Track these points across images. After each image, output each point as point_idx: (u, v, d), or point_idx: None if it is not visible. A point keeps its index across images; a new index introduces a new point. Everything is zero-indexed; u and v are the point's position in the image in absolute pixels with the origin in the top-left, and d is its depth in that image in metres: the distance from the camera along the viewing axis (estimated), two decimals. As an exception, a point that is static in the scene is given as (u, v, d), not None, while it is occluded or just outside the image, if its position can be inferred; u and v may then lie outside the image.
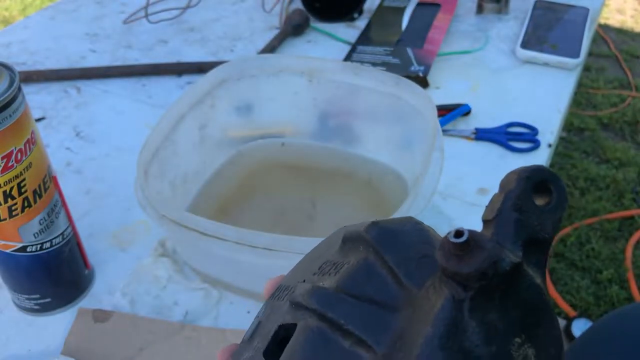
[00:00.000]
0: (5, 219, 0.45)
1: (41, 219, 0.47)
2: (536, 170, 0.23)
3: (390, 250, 0.23)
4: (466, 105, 0.74)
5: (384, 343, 0.21)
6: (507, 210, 0.23)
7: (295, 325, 0.23)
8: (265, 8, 0.99)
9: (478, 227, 0.23)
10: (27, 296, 0.51)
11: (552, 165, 1.82)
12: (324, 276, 0.25)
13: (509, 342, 0.21)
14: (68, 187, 0.64)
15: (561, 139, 1.91)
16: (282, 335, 0.24)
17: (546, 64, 0.83)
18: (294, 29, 0.90)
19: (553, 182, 0.24)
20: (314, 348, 0.22)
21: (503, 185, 0.24)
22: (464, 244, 0.19)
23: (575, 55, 0.82)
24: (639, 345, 0.58)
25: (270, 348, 0.24)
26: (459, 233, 0.19)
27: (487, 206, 0.24)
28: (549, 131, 0.72)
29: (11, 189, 0.44)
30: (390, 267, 0.23)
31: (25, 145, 0.43)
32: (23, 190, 0.45)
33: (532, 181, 0.23)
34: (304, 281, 0.25)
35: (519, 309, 0.21)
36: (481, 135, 0.71)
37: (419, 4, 0.94)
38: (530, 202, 0.23)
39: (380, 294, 0.23)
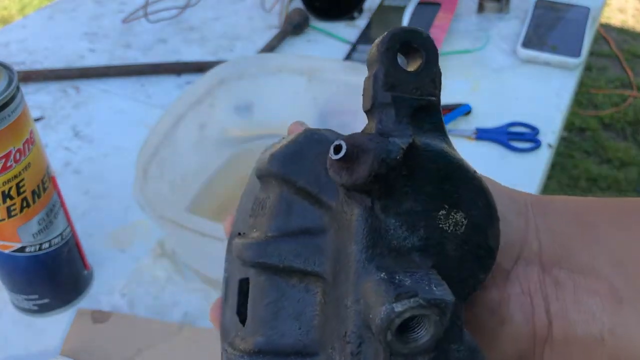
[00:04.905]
0: (3, 220, 0.45)
1: (40, 220, 0.47)
2: (393, 36, 0.21)
3: (297, 174, 0.23)
4: (467, 105, 0.74)
5: (326, 269, 0.21)
6: (380, 93, 0.21)
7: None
8: (265, 7, 0.99)
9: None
10: (25, 297, 0.51)
11: (553, 165, 1.82)
12: (257, 219, 0.24)
13: (434, 218, 0.21)
14: (67, 187, 0.64)
15: (562, 139, 1.91)
16: (246, 289, 0.24)
17: (547, 64, 0.83)
18: (293, 28, 0.90)
19: (416, 40, 0.22)
20: (268, 296, 0.22)
21: (369, 65, 0.22)
22: (346, 156, 0.19)
23: (576, 54, 0.82)
24: None
25: (240, 306, 0.25)
26: (337, 148, 0.19)
27: (362, 95, 0.22)
28: (550, 131, 0.72)
29: (10, 189, 0.44)
30: (305, 190, 0.23)
31: (23, 145, 0.43)
32: (22, 190, 0.44)
33: (394, 50, 0.21)
34: (240, 233, 0.25)
35: (431, 182, 0.21)
36: (482, 135, 0.71)
37: (419, 3, 0.94)
38: (400, 71, 0.21)
39: (305, 221, 0.23)
